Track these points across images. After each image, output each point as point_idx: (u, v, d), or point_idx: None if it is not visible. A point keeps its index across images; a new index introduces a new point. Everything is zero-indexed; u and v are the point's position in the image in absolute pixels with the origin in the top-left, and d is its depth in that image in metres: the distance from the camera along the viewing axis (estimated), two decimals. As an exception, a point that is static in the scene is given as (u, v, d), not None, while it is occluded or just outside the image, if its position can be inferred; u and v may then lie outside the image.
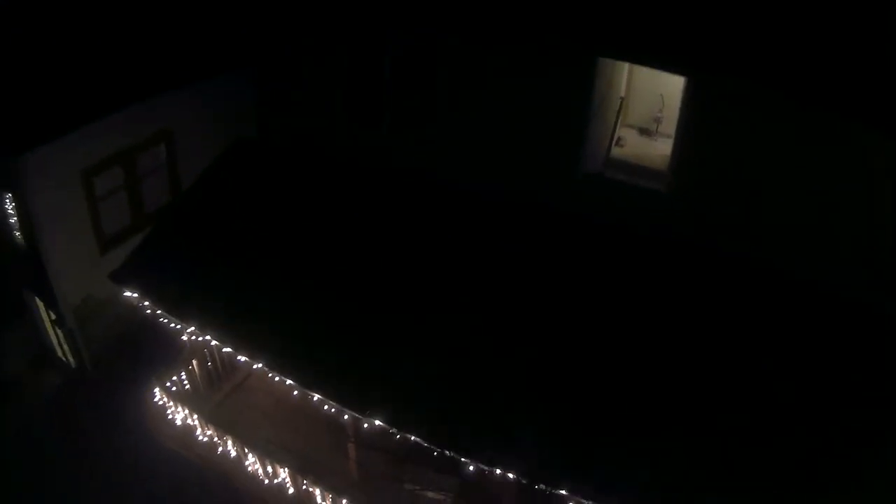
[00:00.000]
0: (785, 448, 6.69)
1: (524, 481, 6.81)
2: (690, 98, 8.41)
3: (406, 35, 9.17)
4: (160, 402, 9.59)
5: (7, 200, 10.82)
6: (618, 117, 9.53)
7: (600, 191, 8.98)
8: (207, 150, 10.61)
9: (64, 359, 12.10)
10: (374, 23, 9.27)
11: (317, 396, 7.59)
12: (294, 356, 7.82)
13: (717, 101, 8.13)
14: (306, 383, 7.64)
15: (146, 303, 8.75)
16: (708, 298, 7.91)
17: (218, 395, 9.92)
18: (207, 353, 9.74)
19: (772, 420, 6.88)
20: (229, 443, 9.03)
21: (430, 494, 8.67)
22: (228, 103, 11.38)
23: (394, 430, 7.27)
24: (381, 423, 7.26)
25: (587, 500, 6.63)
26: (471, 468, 7.02)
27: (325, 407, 7.62)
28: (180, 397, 9.51)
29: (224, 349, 8.28)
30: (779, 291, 7.88)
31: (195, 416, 9.28)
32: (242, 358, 8.09)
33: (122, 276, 9.04)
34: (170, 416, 9.55)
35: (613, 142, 9.42)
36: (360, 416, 7.38)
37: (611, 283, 8.16)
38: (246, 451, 8.92)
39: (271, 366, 7.82)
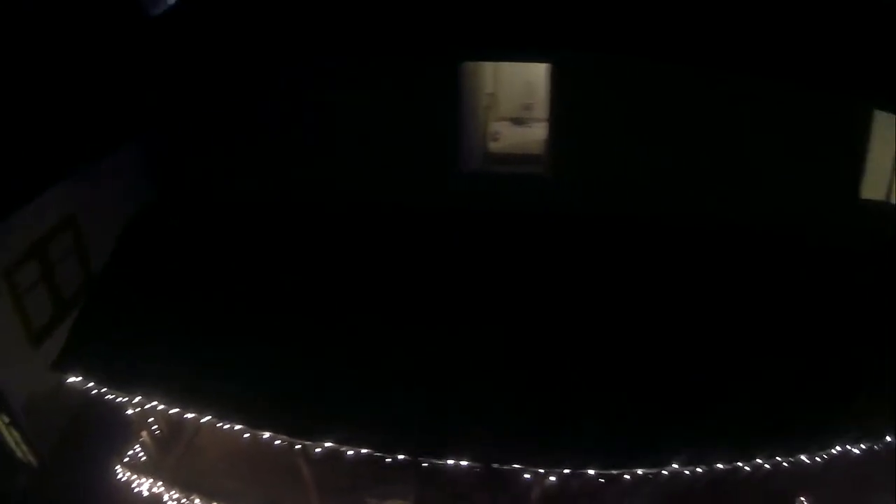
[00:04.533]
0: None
1: (487, 467, 7.46)
2: (556, 80, 9.07)
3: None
4: (123, 478, 9.86)
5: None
6: (489, 113, 10.17)
7: (484, 186, 9.60)
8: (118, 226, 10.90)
9: (24, 459, 12.15)
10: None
11: (266, 434, 8.09)
12: (236, 398, 8.29)
13: (580, 79, 8.84)
14: (251, 423, 8.13)
15: (90, 384, 9.05)
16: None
17: (171, 459, 10.18)
18: (153, 420, 10.00)
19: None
20: (196, 501, 9.40)
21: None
22: (129, 176, 11.66)
23: (344, 448, 7.82)
24: (331, 445, 7.80)
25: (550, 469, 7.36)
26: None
27: (276, 442, 8.10)
28: (140, 468, 9.81)
29: (168, 410, 8.66)
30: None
31: (159, 483, 9.61)
32: (189, 415, 8.51)
33: (63, 364, 9.30)
34: (135, 489, 9.82)
35: (488, 137, 10.05)
36: (311, 443, 7.90)
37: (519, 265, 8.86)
38: (214, 504, 9.30)
39: (218, 414, 8.28)
